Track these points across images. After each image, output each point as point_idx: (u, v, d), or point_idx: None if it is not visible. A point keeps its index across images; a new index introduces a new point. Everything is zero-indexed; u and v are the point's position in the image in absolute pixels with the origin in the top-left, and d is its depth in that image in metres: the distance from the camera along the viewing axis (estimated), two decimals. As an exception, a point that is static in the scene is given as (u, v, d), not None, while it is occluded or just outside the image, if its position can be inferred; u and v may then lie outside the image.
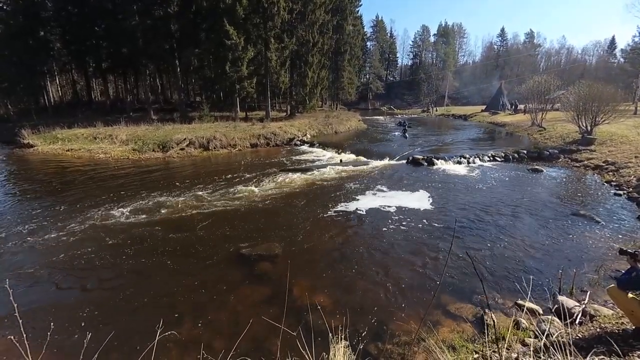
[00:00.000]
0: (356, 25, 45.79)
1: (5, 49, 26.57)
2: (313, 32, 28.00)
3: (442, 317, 4.54)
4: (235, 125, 22.44)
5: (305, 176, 12.61)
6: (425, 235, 7.20)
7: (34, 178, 12.67)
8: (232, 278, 5.54)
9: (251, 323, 4.15)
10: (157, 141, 17.87)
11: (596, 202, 9.45)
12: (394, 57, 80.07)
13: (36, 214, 8.55)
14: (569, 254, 6.32)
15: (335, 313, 4.48)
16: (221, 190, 10.53)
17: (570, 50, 74.93)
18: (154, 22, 23.92)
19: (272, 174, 12.81)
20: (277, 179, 12.05)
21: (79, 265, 5.99)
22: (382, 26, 75.21)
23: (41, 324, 4.24)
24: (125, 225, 7.77)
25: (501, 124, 30.52)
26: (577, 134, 17.16)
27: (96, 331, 3.94)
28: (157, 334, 1.76)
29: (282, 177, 12.37)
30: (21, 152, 18.10)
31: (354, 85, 49.07)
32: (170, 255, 6.37)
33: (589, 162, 13.59)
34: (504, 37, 76.69)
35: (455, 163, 14.59)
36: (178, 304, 4.86)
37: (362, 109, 58.32)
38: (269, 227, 7.70)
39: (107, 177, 12.74)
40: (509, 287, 5.17)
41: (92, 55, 29.38)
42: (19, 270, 5.83)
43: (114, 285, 5.41)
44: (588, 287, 5.06)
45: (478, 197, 9.95)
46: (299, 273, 5.66)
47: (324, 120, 27.92)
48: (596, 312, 4.14)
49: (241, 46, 22.62)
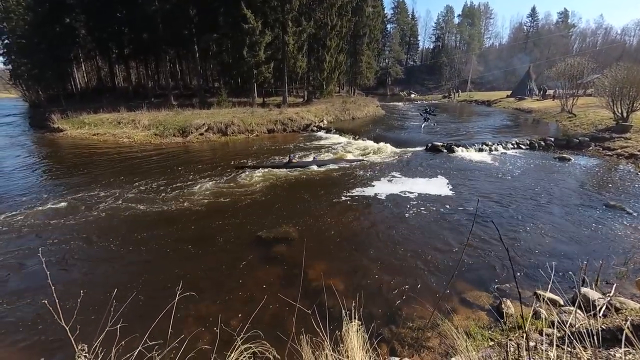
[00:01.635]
0: (376, 7, 44.15)
1: (34, 36, 27.56)
2: (331, 15, 27.25)
3: (458, 304, 4.51)
4: (253, 111, 22.53)
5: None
6: (442, 222, 7.08)
7: (65, 160, 13.33)
8: (251, 260, 5.69)
9: (268, 302, 4.29)
10: (177, 126, 18.26)
11: (628, 193, 8.93)
12: (414, 40, 77.04)
13: (68, 191, 9.03)
14: (596, 245, 6.06)
15: (349, 295, 4.53)
16: (238, 175, 10.70)
17: (609, 30, 69.40)
18: (172, 7, 23.99)
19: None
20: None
21: (109, 243, 6.32)
22: (404, 7, 72.21)
23: (74, 290, 4.54)
24: (149, 208, 8.08)
25: (528, 110, 29.07)
26: (610, 121, 16.11)
27: (121, 303, 4.18)
28: (176, 298, 1.84)
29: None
30: (52, 136, 19.01)
31: (373, 69, 47.68)
32: (192, 236, 6.60)
33: (622, 151, 12.79)
34: (535, 17, 71.86)
35: (477, 151, 14.10)
36: (199, 280, 5.06)
37: (381, 95, 56.97)
38: (286, 211, 7.79)
39: (131, 160, 13.20)
40: (530, 276, 5.04)
41: (115, 41, 29.97)
42: (52, 241, 6.24)
43: (138, 261, 5.69)
44: (615, 279, 4.86)
45: (500, 185, 9.63)
46: (314, 256, 5.73)
47: (341, 106, 27.52)
48: (622, 305, 3.97)
49: (259, 30, 22.39)
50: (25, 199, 8.73)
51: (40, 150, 15.83)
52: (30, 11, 28.22)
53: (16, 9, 30.77)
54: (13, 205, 8.27)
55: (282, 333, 2.96)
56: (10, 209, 7.93)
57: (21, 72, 33.35)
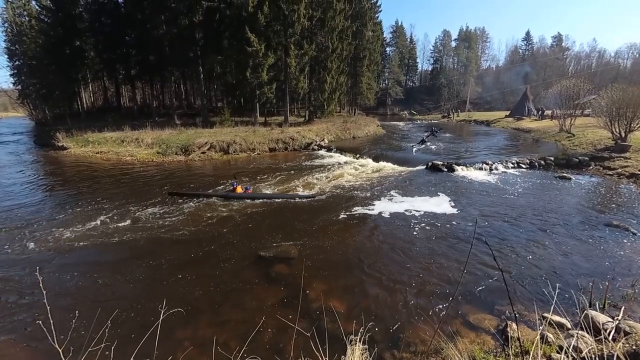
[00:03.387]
0: (375, 31, 45.70)
1: (45, 57, 28.52)
2: (332, 39, 28.20)
3: (462, 327, 4.38)
4: (255, 130, 22.85)
5: (321, 180, 12.62)
6: (443, 242, 7.00)
7: (67, 178, 13.41)
8: (249, 279, 5.59)
9: (266, 324, 4.18)
10: (179, 145, 18.48)
11: (631, 212, 8.86)
12: (413, 62, 79.13)
13: (64, 210, 9.01)
14: (601, 266, 5.95)
15: (350, 317, 4.42)
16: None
17: (602, 53, 71.33)
18: (180, 30, 24.95)
19: (290, 178, 12.91)
20: (294, 183, 12.12)
21: (105, 260, 6.25)
22: (402, 31, 74.65)
23: (67, 311, 4.44)
24: (147, 225, 8.04)
25: (526, 130, 29.38)
26: (609, 141, 16.24)
27: (114, 325, 4.08)
28: (160, 318, 1.80)
29: (299, 181, 12.44)
30: (56, 154, 19.22)
31: (373, 90, 48.75)
32: (191, 255, 6.52)
33: (623, 170, 12.80)
34: (530, 40, 74.20)
35: (477, 169, 14.14)
36: (196, 301, 4.95)
37: (381, 114, 57.82)
38: (287, 229, 7.73)
39: (132, 178, 13.27)
40: (535, 299, 4.91)
41: (122, 63, 30.94)
42: (49, 261, 6.16)
43: (133, 280, 5.60)
44: (622, 302, 4.73)
45: (501, 204, 9.58)
46: (315, 276, 5.63)
47: (342, 126, 27.91)
48: (631, 328, 3.85)
49: (262, 53, 23.12)
50: (20, 213, 8.73)
51: (43, 167, 15.96)
52: (43, 34, 29.34)
53: (29, 33, 32.04)
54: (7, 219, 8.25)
55: (281, 356, 2.87)
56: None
57: (29, 92, 34.27)
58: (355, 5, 34.33)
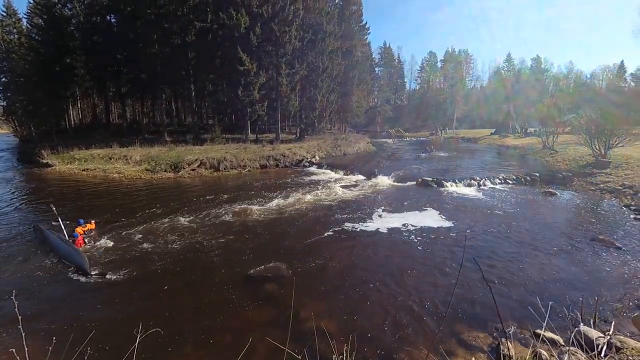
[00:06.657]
0: (364, 52, 47.33)
1: (35, 75, 28.31)
2: (323, 59, 29.01)
3: (455, 345, 4.31)
4: (246, 147, 22.88)
5: (312, 197, 12.59)
6: (434, 258, 6.99)
7: (48, 195, 13.01)
8: (238, 300, 5.43)
9: (255, 345, 4.02)
10: (169, 162, 18.29)
11: (615, 226, 9.08)
12: (401, 82, 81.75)
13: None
14: (589, 280, 6.01)
15: (342, 337, 4.30)
16: (228, 211, 10.56)
17: (579, 74, 75.33)
18: (172, 50, 25.26)
19: (280, 195, 12.84)
20: (286, 200, 12.05)
21: (80, 283, 5.99)
22: (390, 53, 77.45)
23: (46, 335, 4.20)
24: (131, 244, 7.81)
25: (511, 147, 30.27)
26: (590, 157, 16.84)
27: (91, 348, 3.86)
28: (136, 341, 1.72)
29: (291, 197, 12.38)
30: (39, 172, 18.72)
31: (363, 108, 50.03)
32: (179, 276, 6.32)
33: (605, 186, 13.21)
34: (511, 62, 77.85)
35: (466, 185, 14.38)
36: (179, 324, 4.76)
37: (371, 132, 58.90)
38: (277, 248, 7.61)
39: (117, 195, 12.98)
40: (526, 316, 4.89)
41: (113, 80, 30.95)
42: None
43: (110, 302, 5.36)
44: (612, 316, 4.76)
45: (490, 220, 9.71)
46: (305, 295, 5.52)
47: (333, 143, 28.27)
48: (622, 343, 3.86)
49: (253, 72, 23.53)
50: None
51: (26, 185, 15.49)
52: (33, 52, 29.25)
53: (18, 50, 31.90)
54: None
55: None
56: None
57: (15, 109, 33.71)
58: (345, 27, 35.61)
